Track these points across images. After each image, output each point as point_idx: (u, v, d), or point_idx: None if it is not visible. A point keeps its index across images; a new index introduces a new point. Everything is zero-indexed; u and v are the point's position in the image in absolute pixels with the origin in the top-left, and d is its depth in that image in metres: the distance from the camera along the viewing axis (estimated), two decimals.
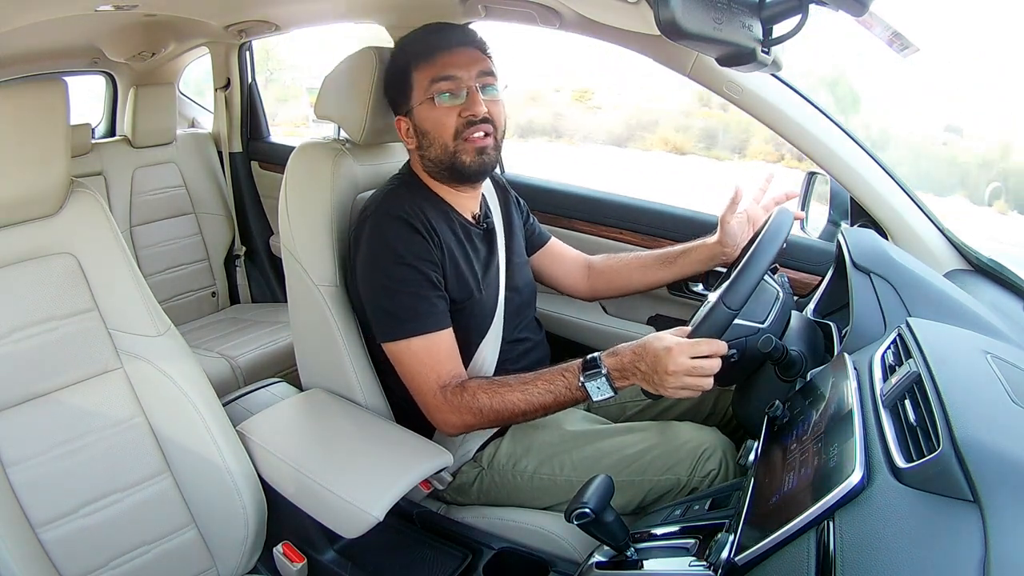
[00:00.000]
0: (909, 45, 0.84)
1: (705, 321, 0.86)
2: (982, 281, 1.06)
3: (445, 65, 0.99)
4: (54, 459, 0.85)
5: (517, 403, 0.95)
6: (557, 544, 1.00)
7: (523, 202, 1.28)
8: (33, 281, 0.86)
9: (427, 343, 0.98)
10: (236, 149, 2.22)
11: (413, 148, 1.06)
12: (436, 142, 1.02)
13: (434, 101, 1.00)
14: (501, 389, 0.97)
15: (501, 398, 0.96)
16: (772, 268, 1.00)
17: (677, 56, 1.12)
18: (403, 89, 1.04)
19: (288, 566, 0.99)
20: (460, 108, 0.99)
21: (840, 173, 1.13)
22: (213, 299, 2.24)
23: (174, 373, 0.93)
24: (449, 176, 1.05)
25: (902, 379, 0.61)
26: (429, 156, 1.03)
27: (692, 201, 1.46)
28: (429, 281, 0.98)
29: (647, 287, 1.26)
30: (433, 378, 0.98)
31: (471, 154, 1.01)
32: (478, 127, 1.00)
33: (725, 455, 0.97)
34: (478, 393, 0.97)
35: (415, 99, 1.02)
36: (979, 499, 0.46)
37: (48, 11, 1.20)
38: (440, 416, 0.99)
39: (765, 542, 0.55)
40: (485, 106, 0.99)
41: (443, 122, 1.00)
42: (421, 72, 1.01)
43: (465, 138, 1.00)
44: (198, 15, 1.70)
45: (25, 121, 0.80)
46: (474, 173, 1.03)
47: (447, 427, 1.00)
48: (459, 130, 1.00)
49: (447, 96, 0.99)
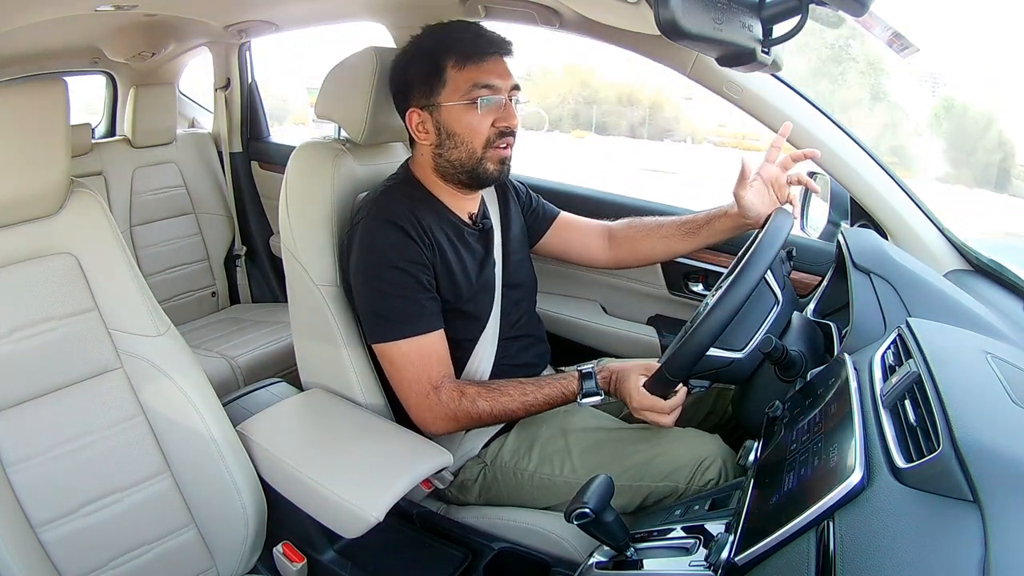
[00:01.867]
0: (909, 45, 0.84)
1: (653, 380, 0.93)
2: (982, 281, 1.06)
3: (490, 72, 0.99)
4: (54, 459, 0.85)
5: (516, 411, 1.01)
6: (557, 544, 1.00)
7: (522, 187, 1.26)
8: (33, 281, 0.86)
9: (417, 345, 0.99)
10: (236, 149, 2.22)
11: (428, 144, 1.04)
12: (463, 145, 1.01)
13: (476, 105, 0.99)
14: (502, 398, 1.01)
15: (502, 406, 1.00)
16: (788, 252, 0.99)
17: (677, 56, 1.12)
18: (431, 83, 1.00)
19: (288, 566, 0.99)
20: (496, 118, 1.00)
21: (840, 173, 1.13)
22: (213, 299, 2.24)
23: (174, 373, 0.93)
24: (465, 179, 1.04)
25: (902, 379, 0.61)
26: (449, 157, 1.02)
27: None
28: (419, 284, 0.99)
29: (669, 256, 1.24)
30: (424, 379, 1.00)
31: (496, 163, 1.03)
32: (507, 139, 1.02)
33: (725, 465, 0.97)
34: (478, 400, 1.00)
35: (447, 96, 1.00)
36: (979, 499, 0.46)
37: (48, 11, 1.20)
38: (428, 416, 1.01)
39: (765, 542, 0.55)
40: (517, 116, 1.02)
41: (478, 128, 1.00)
42: (462, 72, 0.99)
43: (495, 147, 1.01)
44: (198, 15, 1.70)
45: (25, 121, 0.80)
46: (493, 181, 1.05)
47: (433, 428, 1.02)
48: (491, 139, 1.01)
49: (488, 102, 0.99)
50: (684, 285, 1.43)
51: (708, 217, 1.16)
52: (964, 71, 4.01)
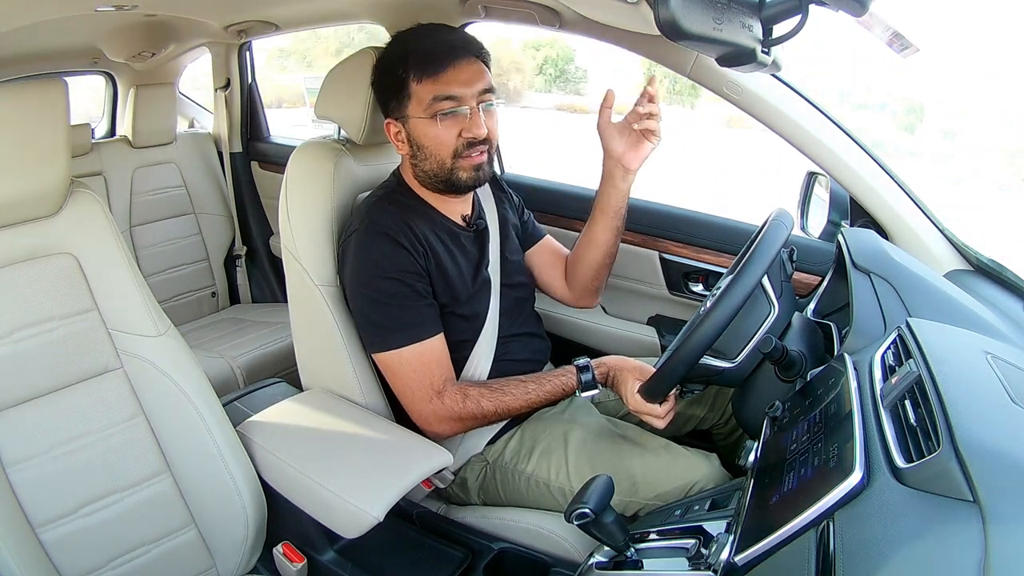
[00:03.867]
0: (909, 45, 0.84)
1: (646, 389, 0.94)
2: (982, 281, 1.06)
3: (449, 83, 0.97)
4: (54, 459, 0.85)
5: (518, 408, 1.03)
6: (557, 544, 1.00)
7: (517, 197, 1.27)
8: (33, 281, 0.86)
9: (418, 352, 1.00)
10: (236, 149, 2.22)
11: (405, 155, 1.05)
12: (432, 157, 1.01)
13: (436, 120, 0.98)
14: (504, 397, 1.02)
15: (505, 405, 1.02)
16: (789, 253, 0.99)
17: (677, 56, 1.12)
18: (399, 96, 1.01)
19: (288, 566, 0.99)
20: (461, 128, 0.98)
21: (840, 173, 1.13)
22: (213, 299, 2.24)
23: (174, 373, 0.93)
24: (442, 187, 1.05)
25: (902, 379, 0.61)
26: (423, 168, 1.03)
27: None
28: (415, 292, 0.99)
29: (603, 248, 1.16)
30: (427, 385, 1.01)
31: (468, 171, 1.02)
32: (477, 147, 1.00)
33: (717, 487, 0.97)
34: (481, 401, 1.01)
35: (412, 110, 1.00)
36: (979, 499, 0.46)
37: (48, 11, 1.20)
38: (433, 420, 1.02)
39: (765, 542, 0.55)
40: (484, 125, 0.99)
41: (442, 140, 0.99)
42: (422, 85, 0.98)
43: (463, 156, 1.00)
44: (198, 15, 1.70)
45: (25, 121, 0.80)
46: (469, 188, 1.05)
47: (438, 431, 1.03)
48: (458, 150, 1.00)
49: (449, 115, 0.98)
50: (684, 285, 1.43)
51: (594, 208, 1.14)
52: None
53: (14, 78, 1.84)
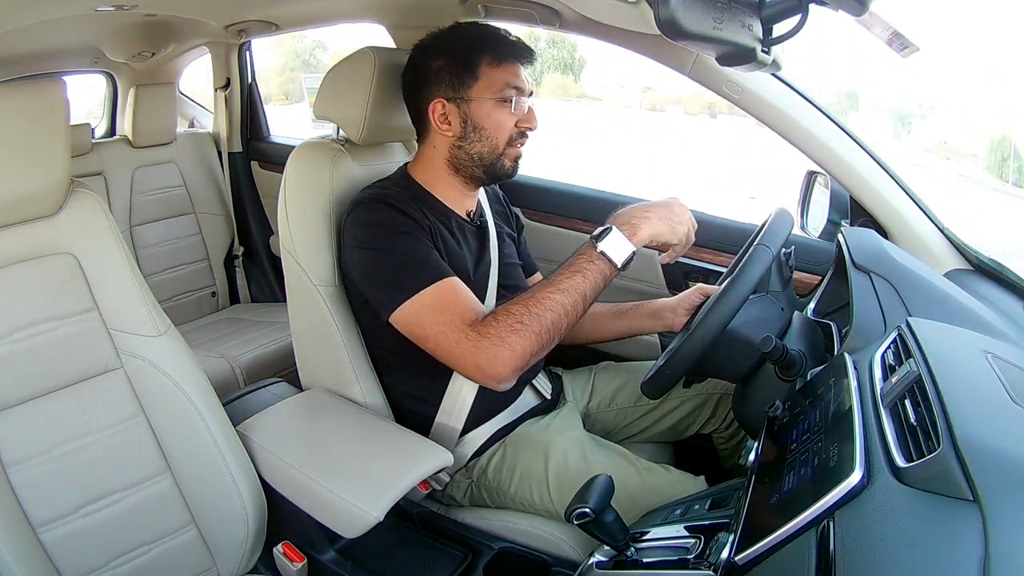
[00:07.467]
0: (909, 45, 0.84)
1: (651, 381, 0.91)
2: (982, 281, 1.06)
3: (518, 75, 1.03)
4: (54, 459, 0.85)
5: (560, 301, 0.90)
6: (557, 544, 1.00)
7: (519, 220, 1.30)
8: (33, 281, 0.86)
9: (439, 291, 0.93)
10: (236, 149, 2.22)
11: (450, 136, 1.04)
12: (487, 139, 1.03)
13: (509, 104, 1.02)
14: (535, 298, 0.90)
15: (540, 304, 0.89)
16: (787, 253, 0.99)
17: (677, 56, 1.12)
18: (463, 76, 1.01)
19: (288, 566, 0.99)
20: (518, 119, 1.04)
21: (840, 173, 1.13)
22: (213, 299, 2.24)
23: (174, 373, 0.93)
24: (481, 172, 1.06)
25: (902, 379, 0.61)
26: (470, 150, 1.04)
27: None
28: (423, 243, 0.96)
29: (602, 338, 1.25)
30: (458, 322, 0.90)
31: (512, 160, 1.07)
32: (524, 139, 1.06)
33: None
34: (512, 309, 0.90)
35: (479, 91, 1.01)
36: (979, 499, 0.46)
37: (48, 11, 1.20)
38: (484, 359, 0.88)
39: (765, 542, 0.55)
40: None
41: (504, 125, 1.03)
42: (496, 69, 1.01)
43: (514, 145, 1.05)
44: (198, 15, 1.70)
45: (25, 121, 0.80)
46: (506, 177, 1.09)
47: (495, 370, 0.88)
48: (512, 137, 1.05)
49: (516, 103, 1.02)
50: (684, 285, 1.43)
51: (636, 303, 1.24)
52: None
53: (14, 78, 1.84)
